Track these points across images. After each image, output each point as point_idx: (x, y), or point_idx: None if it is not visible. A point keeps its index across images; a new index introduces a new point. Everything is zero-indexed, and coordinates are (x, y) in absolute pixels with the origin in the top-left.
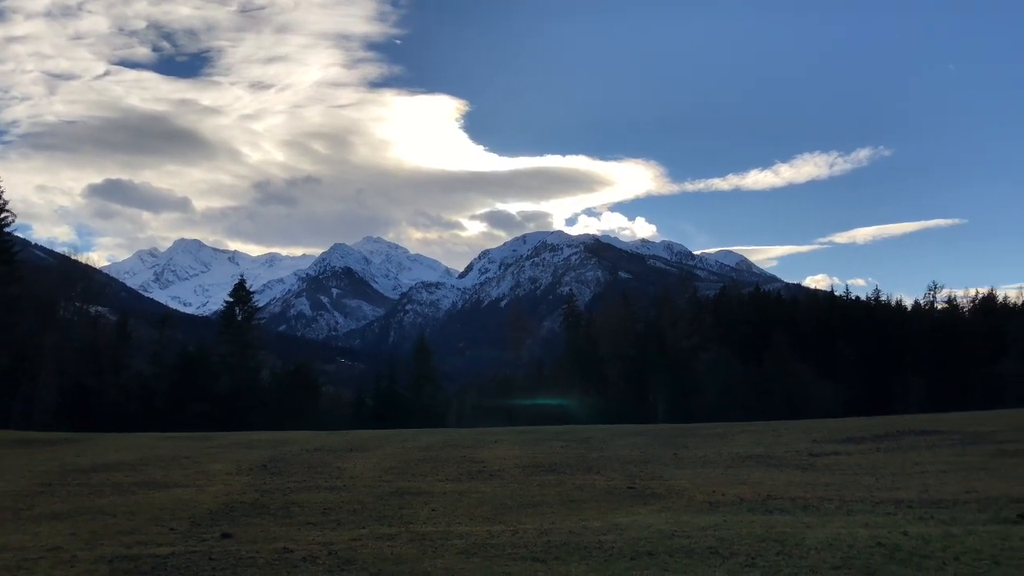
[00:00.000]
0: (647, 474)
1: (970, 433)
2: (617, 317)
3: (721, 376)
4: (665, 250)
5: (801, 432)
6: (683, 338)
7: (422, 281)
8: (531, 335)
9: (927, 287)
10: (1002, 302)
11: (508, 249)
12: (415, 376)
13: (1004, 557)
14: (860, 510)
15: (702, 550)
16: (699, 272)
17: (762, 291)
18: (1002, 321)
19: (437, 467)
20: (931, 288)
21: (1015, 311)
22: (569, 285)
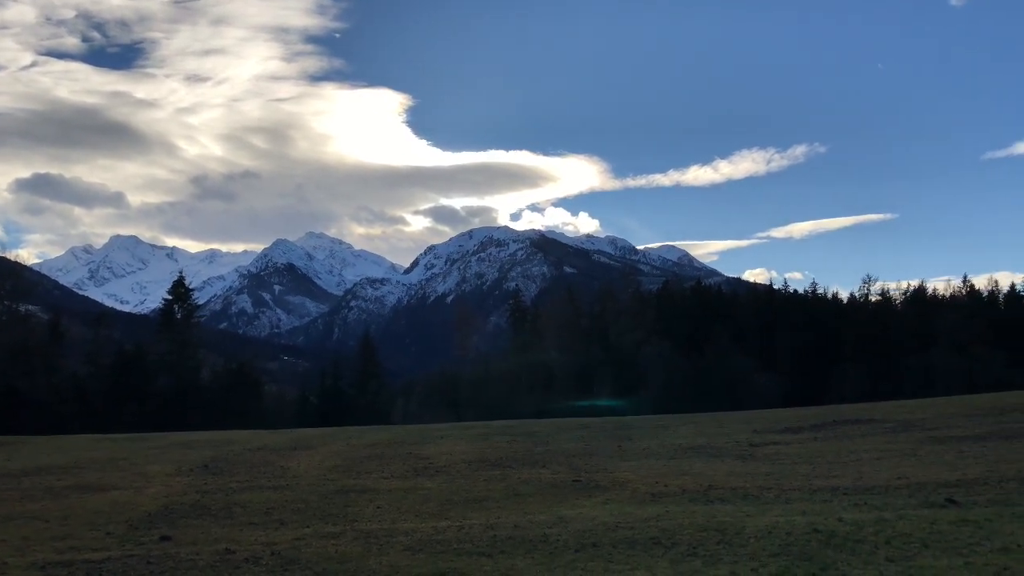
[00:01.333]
0: (592, 467)
1: (902, 421)
2: (562, 312)
3: (663, 369)
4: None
5: (742, 423)
6: (627, 332)
7: (367, 277)
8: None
9: (861, 280)
10: (931, 295)
11: (454, 244)
12: (360, 373)
13: (932, 540)
14: (798, 498)
15: (645, 541)
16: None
17: (703, 285)
18: (931, 313)
19: (383, 464)
20: (865, 281)
21: (943, 303)
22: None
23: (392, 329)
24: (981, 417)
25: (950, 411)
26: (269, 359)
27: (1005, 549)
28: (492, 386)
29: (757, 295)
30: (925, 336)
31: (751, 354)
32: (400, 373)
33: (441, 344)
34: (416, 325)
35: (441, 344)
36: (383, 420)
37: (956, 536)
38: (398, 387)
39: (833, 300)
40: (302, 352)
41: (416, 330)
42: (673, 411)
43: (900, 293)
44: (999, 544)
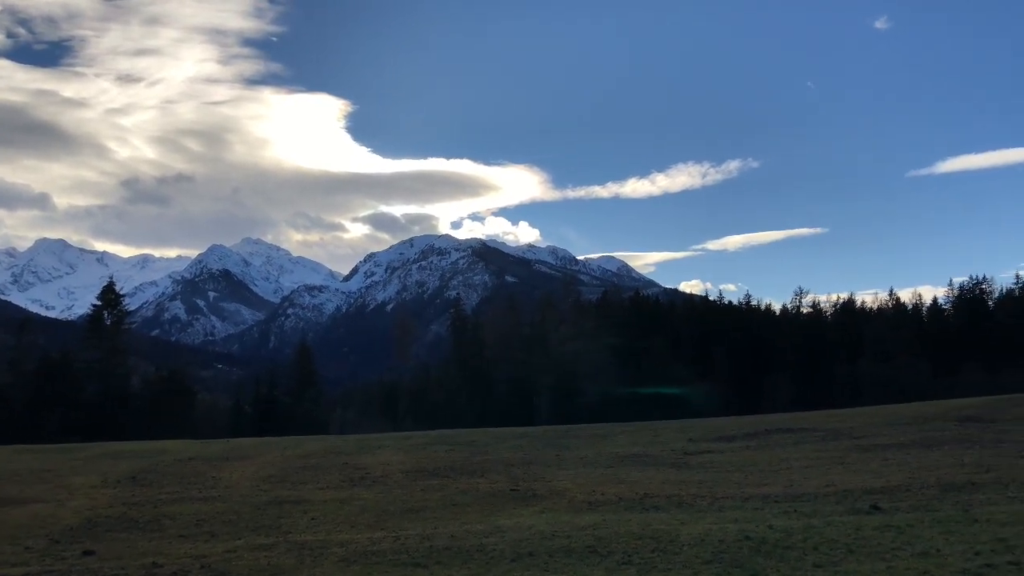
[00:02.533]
0: (530, 476)
1: (831, 430)
2: (503, 321)
3: (602, 377)
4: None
5: (677, 432)
6: (566, 341)
7: (305, 284)
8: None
9: (793, 292)
10: (860, 307)
11: (395, 252)
12: (296, 382)
13: (857, 545)
14: (730, 506)
15: (581, 549)
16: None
17: (641, 296)
18: (860, 325)
19: (318, 475)
20: (797, 293)
21: (871, 315)
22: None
23: (330, 337)
24: (905, 426)
25: (876, 420)
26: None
27: (925, 553)
28: (432, 395)
29: (693, 306)
30: (854, 347)
31: (687, 364)
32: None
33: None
34: (355, 333)
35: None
36: (320, 430)
37: (880, 541)
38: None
39: (766, 311)
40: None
41: (355, 338)
42: (611, 419)
43: (830, 305)
44: (919, 549)
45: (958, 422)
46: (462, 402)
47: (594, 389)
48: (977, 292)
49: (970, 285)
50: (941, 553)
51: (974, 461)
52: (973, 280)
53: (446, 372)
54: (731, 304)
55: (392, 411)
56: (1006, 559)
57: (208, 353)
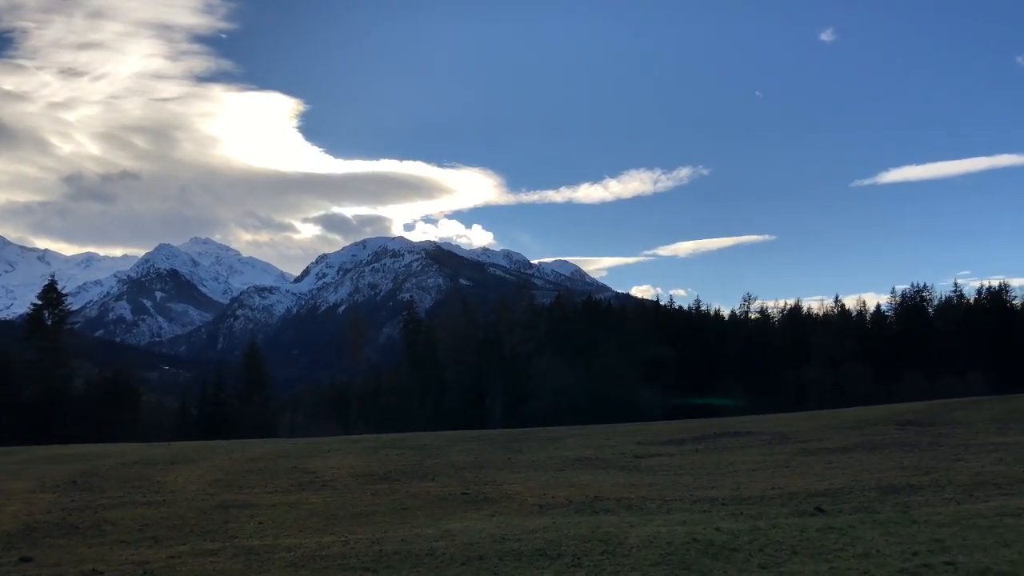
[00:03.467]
0: (481, 479)
1: (777, 434)
2: (457, 324)
3: (554, 381)
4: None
5: (627, 435)
6: (520, 344)
7: (255, 285)
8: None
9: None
10: (806, 313)
11: (347, 254)
12: (245, 384)
13: (801, 547)
14: (679, 508)
15: (531, 552)
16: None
17: (594, 300)
18: (806, 330)
19: (266, 478)
20: (745, 299)
21: (817, 321)
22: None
23: (280, 339)
24: (848, 430)
25: (821, 424)
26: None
27: (865, 554)
28: (384, 398)
29: (644, 310)
30: (800, 352)
31: (638, 367)
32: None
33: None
34: (306, 336)
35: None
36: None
37: (823, 543)
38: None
39: (715, 317)
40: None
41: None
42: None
43: (778, 311)
44: (861, 549)
45: (898, 426)
46: (414, 405)
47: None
48: (918, 300)
49: (911, 293)
50: (881, 554)
51: (913, 464)
52: (914, 288)
53: (398, 375)
54: (681, 309)
55: (343, 414)
56: (942, 559)
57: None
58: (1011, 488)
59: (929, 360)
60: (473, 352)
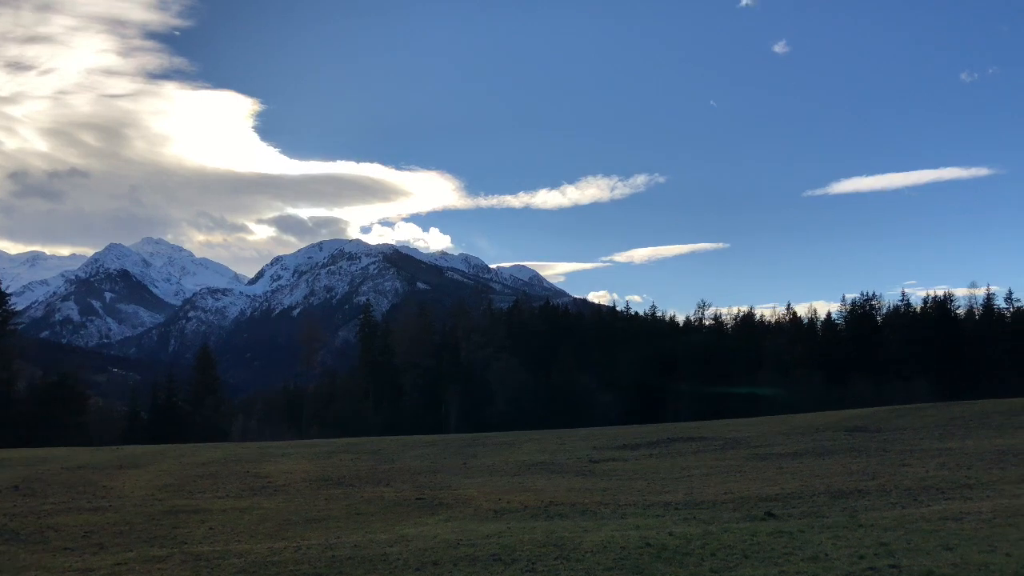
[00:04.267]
0: (436, 484)
1: (730, 439)
2: (414, 327)
3: (511, 385)
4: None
5: (583, 439)
6: (477, 348)
7: (208, 287)
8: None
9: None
10: (759, 320)
11: (303, 256)
12: (197, 387)
13: (752, 551)
14: (633, 513)
15: (486, 558)
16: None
17: (552, 305)
18: (759, 337)
19: (217, 483)
20: (700, 306)
21: (770, 329)
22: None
23: (233, 342)
24: (798, 435)
25: (772, 430)
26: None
27: (814, 558)
28: (339, 402)
29: (601, 316)
30: (753, 358)
31: (594, 372)
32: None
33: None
34: (260, 338)
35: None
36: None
37: (773, 547)
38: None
39: (670, 323)
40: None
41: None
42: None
43: (731, 318)
44: (809, 553)
45: (847, 432)
46: (369, 410)
47: (503, 396)
48: (867, 308)
49: (861, 301)
50: (829, 557)
51: (861, 469)
52: (863, 297)
53: (354, 379)
54: (637, 315)
55: (296, 419)
56: (887, 562)
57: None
58: (953, 493)
59: (877, 367)
60: (430, 356)
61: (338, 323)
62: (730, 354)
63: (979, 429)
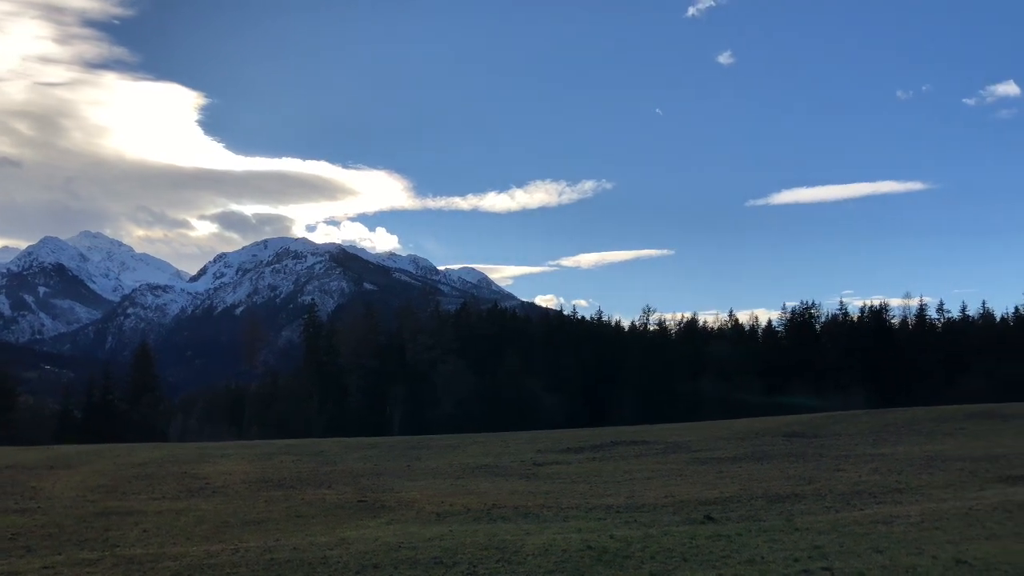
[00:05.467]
0: (379, 487)
1: (671, 443)
2: (360, 328)
3: (457, 388)
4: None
5: (527, 443)
6: (424, 350)
7: (148, 283)
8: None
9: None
10: (702, 326)
11: (247, 253)
12: (134, 386)
13: (691, 554)
14: (575, 516)
15: (427, 561)
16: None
17: (500, 308)
18: (702, 343)
19: (153, 484)
20: (645, 311)
21: (712, 335)
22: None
23: (174, 340)
24: (738, 440)
25: (713, 434)
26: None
27: (751, 561)
28: (281, 403)
29: (548, 320)
30: (695, 364)
31: (540, 375)
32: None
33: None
34: (201, 337)
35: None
36: (158, 437)
37: (711, 550)
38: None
39: (616, 327)
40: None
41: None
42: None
43: (675, 324)
44: (746, 556)
45: (785, 437)
46: (312, 411)
47: (449, 399)
48: (806, 316)
49: (800, 309)
50: (765, 560)
51: (798, 474)
52: (803, 305)
53: (297, 380)
54: (583, 319)
55: (238, 419)
56: (820, 565)
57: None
58: (884, 497)
59: (815, 374)
60: (375, 358)
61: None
62: (674, 359)
63: (910, 435)
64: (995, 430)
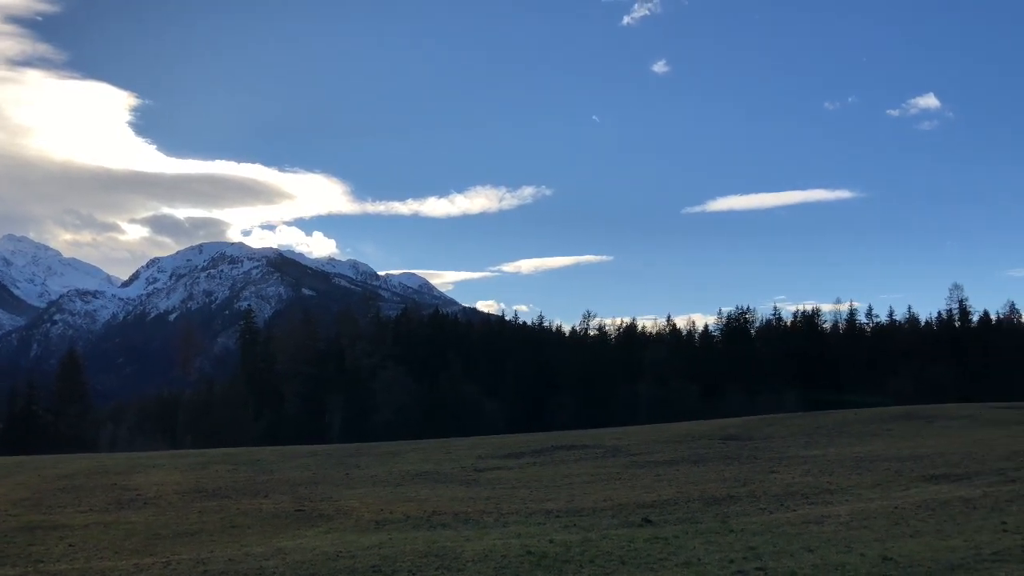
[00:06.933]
0: (317, 495)
1: (611, 447)
2: (298, 334)
3: (398, 394)
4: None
5: (468, 448)
6: (363, 356)
7: (76, 289)
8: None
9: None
10: (641, 331)
11: (182, 258)
12: (61, 395)
13: (629, 557)
14: (515, 521)
15: (365, 569)
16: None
17: (441, 313)
18: (640, 348)
19: (80, 497)
20: (585, 317)
21: (651, 339)
22: (249, 300)
23: (104, 347)
24: (676, 443)
25: (651, 438)
26: None
27: (687, 563)
28: (216, 411)
29: (490, 325)
30: (634, 368)
31: (481, 381)
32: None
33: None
34: (132, 344)
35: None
36: (87, 448)
37: (649, 552)
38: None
39: (556, 333)
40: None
41: (132, 349)
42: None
43: (614, 328)
44: (683, 559)
45: (721, 440)
46: (248, 419)
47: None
48: (741, 321)
49: (736, 315)
50: (702, 562)
51: (733, 476)
52: (738, 310)
53: (233, 387)
54: (524, 325)
55: (171, 428)
56: (754, 565)
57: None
58: (816, 498)
59: (750, 377)
60: (313, 364)
61: (217, 329)
62: (613, 364)
63: (840, 437)
64: (920, 431)
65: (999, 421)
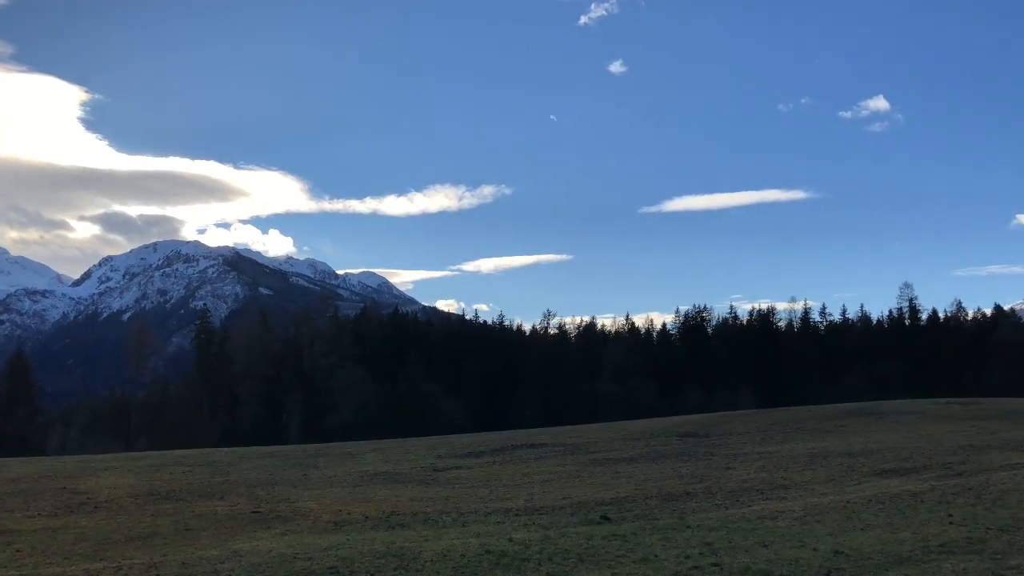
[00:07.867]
0: (274, 497)
1: (570, 445)
2: (254, 334)
3: (357, 394)
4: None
5: (427, 448)
6: (322, 356)
7: (25, 288)
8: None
9: (542, 314)
10: (600, 330)
11: (135, 257)
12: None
13: (587, 555)
14: (474, 520)
15: (323, 571)
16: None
17: (401, 313)
18: (600, 346)
19: (28, 501)
20: (545, 316)
21: (609, 338)
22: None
23: (54, 348)
24: (634, 441)
25: (610, 436)
26: None
27: (645, 559)
28: (170, 412)
29: (450, 325)
30: (594, 366)
31: (441, 380)
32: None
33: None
34: (84, 344)
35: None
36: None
37: (607, 550)
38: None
39: (517, 331)
40: None
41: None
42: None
43: (574, 327)
44: (640, 555)
45: (679, 437)
46: (204, 420)
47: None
48: (698, 320)
49: (693, 313)
50: (659, 558)
51: (690, 472)
52: (695, 309)
53: (187, 388)
54: (484, 324)
55: (123, 430)
56: (710, 560)
57: None
58: (771, 493)
59: (707, 375)
60: (271, 364)
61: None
62: (573, 362)
63: (794, 434)
64: (871, 427)
65: (946, 416)
